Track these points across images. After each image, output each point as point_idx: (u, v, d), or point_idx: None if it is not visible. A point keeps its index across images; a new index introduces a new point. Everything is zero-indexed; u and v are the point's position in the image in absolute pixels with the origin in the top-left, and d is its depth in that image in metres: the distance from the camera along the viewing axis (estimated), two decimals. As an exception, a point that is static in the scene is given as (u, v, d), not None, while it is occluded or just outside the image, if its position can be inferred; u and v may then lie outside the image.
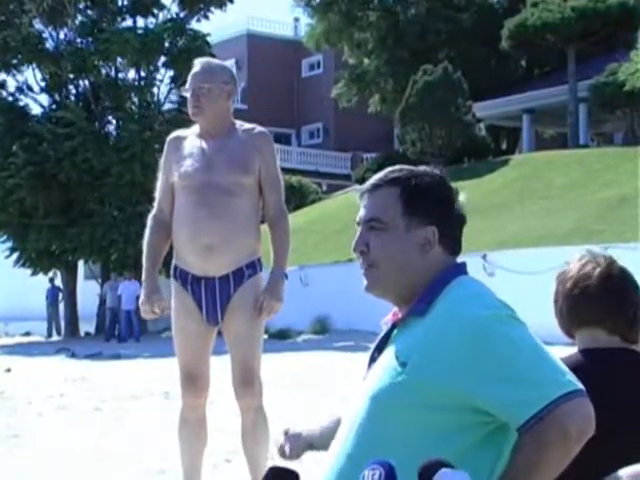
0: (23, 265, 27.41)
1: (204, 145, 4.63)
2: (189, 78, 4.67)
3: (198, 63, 4.69)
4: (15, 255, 27.35)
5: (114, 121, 27.98)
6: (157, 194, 4.79)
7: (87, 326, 27.25)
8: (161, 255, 4.72)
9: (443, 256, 2.16)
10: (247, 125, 4.75)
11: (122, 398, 11.00)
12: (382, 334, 2.21)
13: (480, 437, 2.00)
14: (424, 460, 1.71)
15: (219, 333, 4.68)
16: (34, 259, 27.12)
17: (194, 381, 4.60)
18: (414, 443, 1.98)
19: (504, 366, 1.96)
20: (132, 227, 23.83)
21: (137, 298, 19.01)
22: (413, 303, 2.13)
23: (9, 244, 27.50)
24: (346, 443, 2.08)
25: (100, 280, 27.40)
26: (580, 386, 1.97)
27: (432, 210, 2.15)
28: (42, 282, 28.37)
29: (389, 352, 2.09)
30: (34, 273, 27.72)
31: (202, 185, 4.52)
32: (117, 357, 18.11)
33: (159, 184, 4.79)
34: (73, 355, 19.19)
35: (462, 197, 2.22)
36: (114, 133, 27.55)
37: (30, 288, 28.74)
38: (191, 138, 4.70)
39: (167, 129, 4.55)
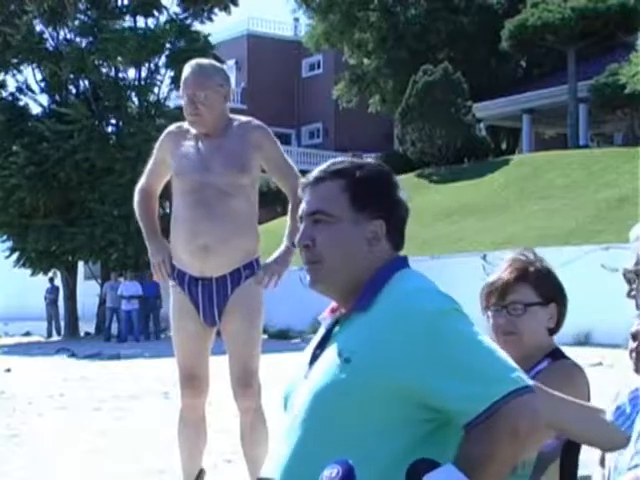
0: (23, 265, 27.41)
1: (200, 145, 4.61)
2: (182, 83, 4.58)
3: (189, 67, 4.58)
4: (15, 255, 27.36)
5: (114, 121, 27.97)
6: (145, 173, 4.82)
7: (87, 326, 27.25)
8: (156, 220, 4.78)
9: (389, 250, 2.14)
10: (242, 119, 4.71)
11: (122, 398, 11.00)
12: (323, 330, 2.18)
13: (424, 433, 1.96)
14: (410, 463, 1.70)
15: (218, 333, 4.67)
16: (34, 259, 27.12)
17: (193, 381, 4.60)
18: (358, 439, 1.94)
19: (453, 360, 1.94)
20: (132, 226, 23.80)
21: (137, 298, 18.93)
22: (356, 298, 2.08)
23: (9, 244, 27.51)
24: (291, 441, 2.03)
25: (100, 280, 27.40)
26: (529, 382, 1.95)
27: (380, 203, 2.12)
28: (42, 282, 28.37)
29: (332, 349, 2.05)
30: (34, 273, 27.72)
31: (199, 186, 4.51)
32: (117, 357, 18.11)
33: (148, 167, 4.81)
34: (73, 355, 19.20)
35: (403, 192, 2.20)
36: (115, 132, 27.55)
37: (30, 288, 28.74)
38: (188, 137, 4.67)
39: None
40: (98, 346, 21.05)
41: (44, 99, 28.19)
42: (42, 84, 27.94)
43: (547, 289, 2.81)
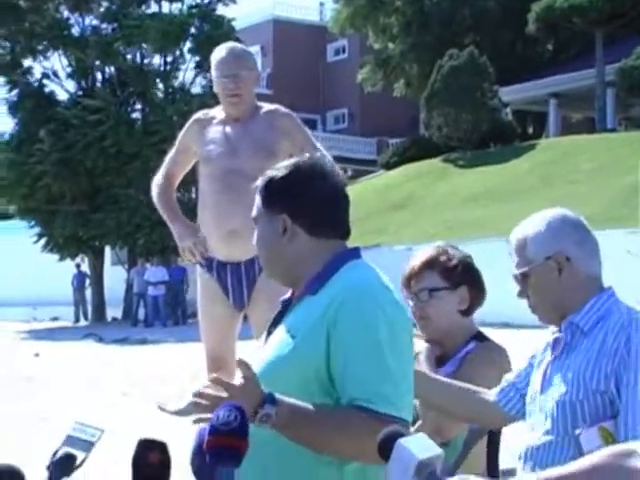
0: (51, 251, 27.60)
1: (228, 130, 4.64)
2: (219, 64, 4.64)
3: (226, 49, 4.68)
4: (42, 241, 27.54)
5: (140, 106, 28.05)
6: (166, 160, 4.85)
7: (114, 311, 27.40)
8: (177, 207, 4.83)
9: (312, 241, 2.32)
10: (269, 107, 4.75)
11: (150, 382, 11.08)
12: (279, 310, 2.42)
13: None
14: (381, 433, 1.76)
15: (245, 318, 4.71)
16: (61, 245, 27.29)
17: (220, 364, 4.63)
18: (291, 392, 2.18)
19: (375, 352, 2.16)
20: (158, 212, 23.90)
21: (164, 283, 19.09)
22: (306, 283, 2.31)
23: (37, 230, 27.69)
24: None
25: (127, 266, 27.54)
26: (409, 420, 2.20)
27: (281, 200, 2.34)
28: (70, 268, 28.53)
29: (282, 327, 2.32)
30: (61, 259, 27.90)
31: (226, 171, 4.54)
32: (144, 342, 18.23)
33: (170, 155, 4.84)
34: (100, 340, 19.35)
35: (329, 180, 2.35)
36: (140, 119, 27.62)
37: (58, 274, 28.91)
38: (215, 122, 4.71)
39: (194, 114, 4.57)
40: (125, 331, 21.19)
41: (70, 85, 28.35)
42: (68, 70, 28.06)
43: (454, 274, 3.03)
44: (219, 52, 4.67)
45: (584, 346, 2.49)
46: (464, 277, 3.07)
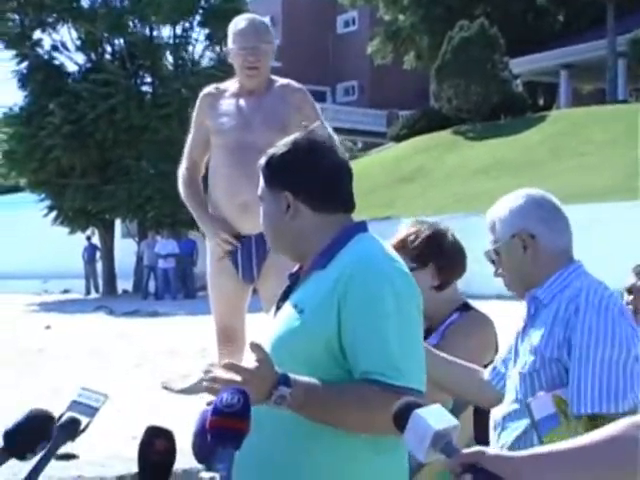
0: (61, 224, 27.65)
1: (241, 103, 4.63)
2: (238, 36, 4.62)
3: (246, 20, 4.65)
4: (53, 214, 27.60)
5: (149, 79, 27.99)
6: (187, 147, 4.83)
7: (125, 284, 27.49)
8: (205, 199, 4.75)
9: (316, 216, 2.34)
10: (282, 81, 4.74)
11: (161, 354, 11.14)
12: (287, 285, 2.43)
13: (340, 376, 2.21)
14: (397, 404, 1.78)
15: (254, 291, 4.72)
16: (71, 217, 27.34)
17: (230, 336, 4.66)
18: (300, 369, 2.19)
19: (384, 325, 2.17)
20: (168, 184, 23.76)
21: (174, 256, 19.07)
22: (314, 258, 2.33)
23: (47, 203, 27.74)
24: None
25: (137, 238, 27.60)
26: (423, 390, 2.21)
27: (283, 178, 2.35)
28: (81, 240, 28.61)
29: (291, 301, 2.33)
30: (71, 232, 27.95)
31: (238, 144, 4.53)
32: (154, 314, 18.30)
33: (190, 137, 4.83)
34: (111, 312, 19.42)
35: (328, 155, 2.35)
36: (150, 91, 27.57)
37: (68, 246, 29.00)
38: (227, 95, 4.69)
39: (204, 87, 4.55)
40: (136, 303, 21.27)
41: (80, 58, 28.28)
42: (77, 43, 27.99)
43: (421, 252, 3.13)
44: (238, 23, 4.64)
45: (542, 317, 2.60)
46: (431, 254, 3.16)
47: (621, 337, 2.47)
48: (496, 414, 2.69)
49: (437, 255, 3.17)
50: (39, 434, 1.94)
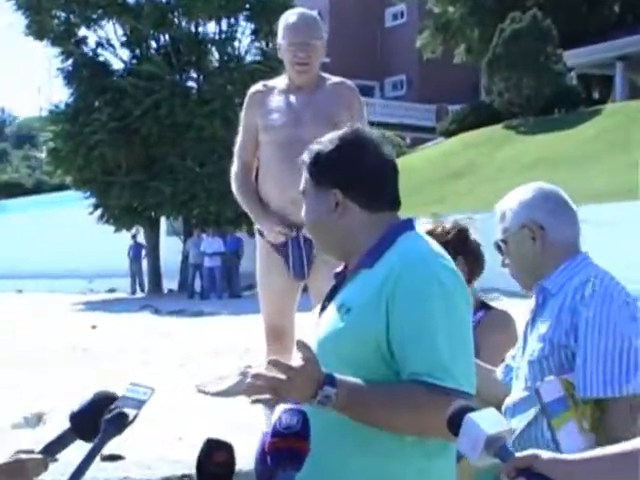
0: (106, 222, 27.92)
1: (292, 99, 4.65)
2: (289, 31, 4.63)
3: (296, 15, 4.66)
4: (98, 212, 27.88)
5: (194, 75, 28.15)
6: (237, 148, 4.84)
7: (170, 283, 27.71)
8: (258, 199, 4.74)
9: (365, 214, 2.34)
10: (335, 79, 4.76)
11: (205, 354, 11.20)
12: (333, 284, 2.44)
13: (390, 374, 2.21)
14: (450, 409, 1.81)
15: (305, 289, 4.72)
16: (117, 216, 27.60)
17: (279, 336, 4.66)
18: (349, 371, 2.18)
19: (432, 325, 2.16)
20: (214, 182, 24.01)
21: (219, 255, 19.11)
22: (360, 257, 2.32)
23: (92, 201, 28.02)
24: None
25: (182, 236, 27.78)
26: (472, 392, 2.19)
27: (332, 174, 2.34)
28: (126, 239, 28.84)
29: (337, 300, 2.33)
30: (117, 230, 28.22)
31: (289, 140, 4.53)
32: (199, 314, 18.41)
33: (240, 137, 4.84)
34: (156, 311, 19.58)
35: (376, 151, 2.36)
36: (195, 87, 27.73)
37: (114, 245, 29.28)
38: (276, 92, 4.71)
39: (249, 83, 4.57)
40: (181, 303, 21.43)
41: (125, 54, 28.54)
42: (122, 39, 28.23)
43: (451, 246, 3.08)
44: (288, 18, 4.65)
45: (550, 307, 2.72)
46: (459, 248, 3.23)
47: (622, 327, 2.57)
48: (506, 402, 2.79)
49: (465, 250, 3.28)
50: (103, 415, 2.03)
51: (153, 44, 28.27)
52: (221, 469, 1.99)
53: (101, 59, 28.29)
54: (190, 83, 28.15)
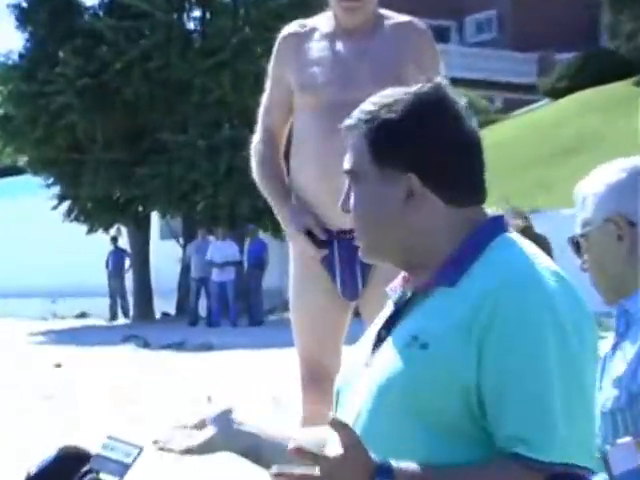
0: (76, 219, 28.06)
1: (340, 48, 4.66)
2: None
3: None
4: (65, 205, 28.00)
5: (198, 14, 28.19)
6: (262, 112, 4.84)
7: (164, 304, 27.84)
8: (286, 181, 4.77)
9: (447, 209, 2.31)
10: (398, 18, 4.76)
11: (215, 404, 11.22)
12: (391, 306, 2.42)
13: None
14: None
15: (356, 313, 4.70)
16: (90, 211, 27.73)
17: (321, 379, 4.60)
18: (429, 443, 2.16)
19: (542, 375, 2.12)
20: (222, 163, 24.05)
21: (234, 264, 19.18)
22: (436, 269, 2.28)
23: (57, 189, 28.13)
24: None
25: (182, 240, 27.88)
26: (591, 465, 2.17)
27: (406, 152, 2.30)
28: (105, 242, 28.96)
29: (403, 329, 2.28)
30: (91, 230, 28.34)
31: (335, 105, 4.50)
32: (207, 348, 18.46)
33: (266, 96, 4.84)
34: (146, 345, 19.66)
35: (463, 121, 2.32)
36: (198, 31, 27.79)
37: (87, 251, 29.46)
38: (318, 36, 4.71)
39: (273, 25, 4.54)
40: (180, 332, 21.47)
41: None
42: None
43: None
44: None
45: (632, 336, 2.68)
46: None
47: None
48: None
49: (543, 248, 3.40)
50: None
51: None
52: None
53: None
54: (191, 25, 28.25)
